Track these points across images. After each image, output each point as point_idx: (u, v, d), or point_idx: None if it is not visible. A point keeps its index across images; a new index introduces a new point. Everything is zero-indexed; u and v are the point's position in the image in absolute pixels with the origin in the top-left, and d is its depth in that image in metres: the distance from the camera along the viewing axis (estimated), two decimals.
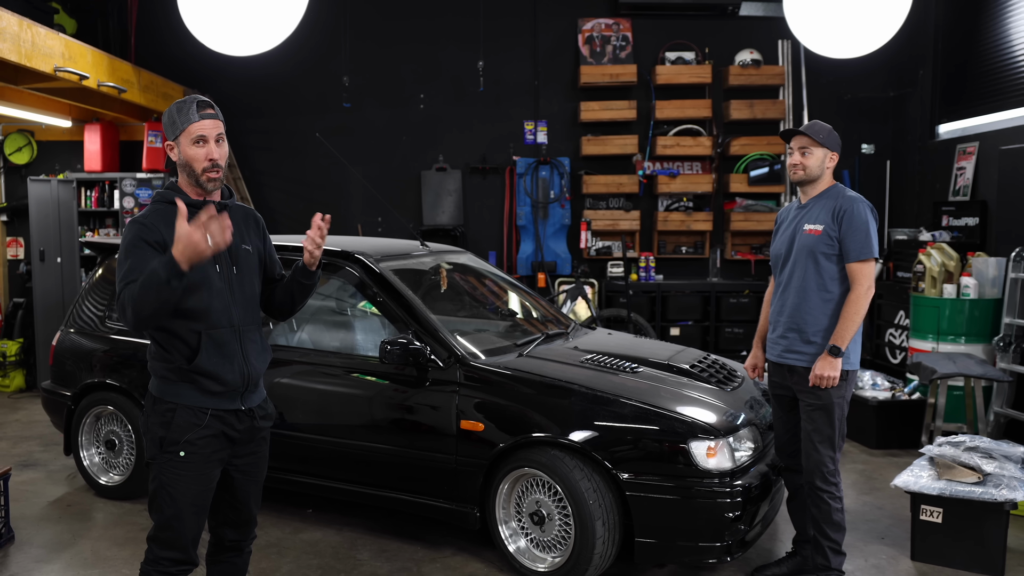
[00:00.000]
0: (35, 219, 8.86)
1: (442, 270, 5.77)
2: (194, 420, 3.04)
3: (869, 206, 4.25)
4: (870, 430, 6.98)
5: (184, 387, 3.05)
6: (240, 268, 3.20)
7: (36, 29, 6.28)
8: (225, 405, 3.11)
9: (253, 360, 3.19)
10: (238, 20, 6.14)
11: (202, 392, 3.06)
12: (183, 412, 3.04)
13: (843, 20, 6.53)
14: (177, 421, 3.03)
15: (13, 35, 5.97)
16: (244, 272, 3.21)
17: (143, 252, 2.95)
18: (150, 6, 9.16)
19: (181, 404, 3.05)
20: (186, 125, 3.04)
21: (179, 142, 3.06)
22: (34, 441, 7.11)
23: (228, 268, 3.15)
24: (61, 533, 5.12)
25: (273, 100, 9.72)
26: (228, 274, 3.15)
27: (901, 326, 7.97)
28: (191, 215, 2.98)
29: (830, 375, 4.10)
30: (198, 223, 2.73)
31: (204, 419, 3.06)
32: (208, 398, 3.07)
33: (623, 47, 9.42)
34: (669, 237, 9.63)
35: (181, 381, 3.05)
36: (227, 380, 3.08)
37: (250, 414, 3.21)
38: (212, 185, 3.10)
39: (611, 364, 4.73)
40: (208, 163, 3.06)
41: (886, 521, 5.37)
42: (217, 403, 3.09)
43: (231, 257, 3.17)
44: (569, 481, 4.19)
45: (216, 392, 3.08)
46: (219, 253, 3.04)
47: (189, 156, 3.05)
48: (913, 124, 9.17)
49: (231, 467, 3.22)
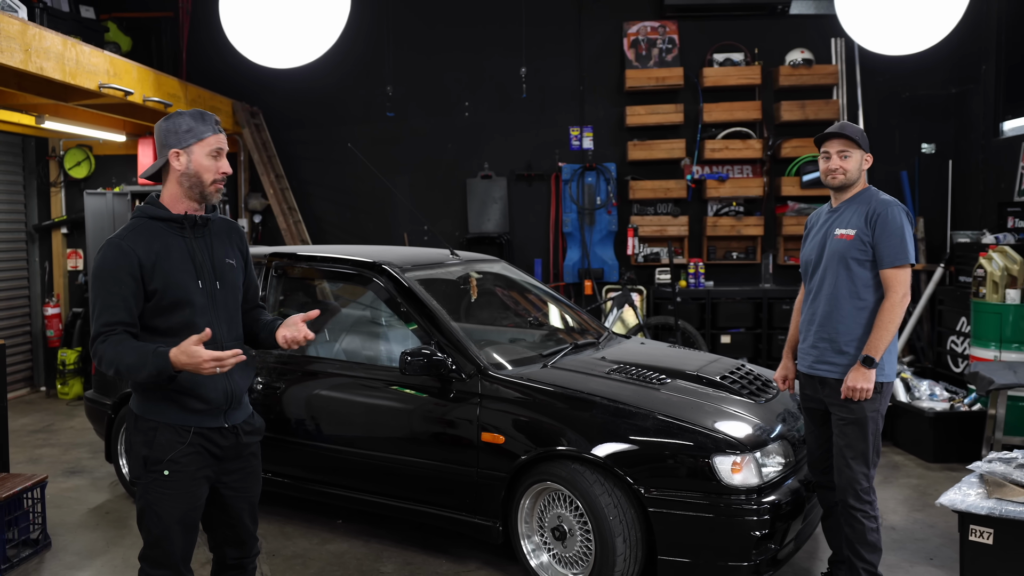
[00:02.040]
0: (91, 231, 9.10)
1: (472, 280, 5.70)
2: (177, 439, 3.00)
3: (904, 209, 4.06)
4: (927, 443, 6.72)
5: (166, 405, 3.01)
6: (223, 283, 3.15)
7: (80, 48, 6.41)
8: (208, 423, 3.07)
9: (237, 377, 3.14)
10: (280, 33, 6.22)
11: (184, 410, 3.02)
12: (165, 430, 3.00)
13: (898, 16, 6.32)
14: (159, 440, 3.00)
15: (57, 54, 6.11)
16: (227, 288, 3.16)
17: (118, 285, 2.91)
18: (201, 23, 9.31)
19: (163, 422, 3.01)
20: (206, 135, 3.05)
21: (191, 151, 3.03)
22: (84, 448, 7.26)
23: (211, 283, 3.09)
24: (96, 540, 5.20)
25: (318, 111, 9.79)
26: (211, 289, 3.09)
27: (963, 333, 7.66)
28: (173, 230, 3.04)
29: (863, 387, 3.92)
30: (220, 362, 2.79)
31: (187, 437, 3.01)
32: (191, 415, 3.03)
33: (669, 50, 9.25)
34: (719, 242, 9.42)
35: (163, 400, 3.01)
36: (210, 398, 3.05)
37: (234, 431, 3.15)
38: (215, 197, 3.10)
39: (638, 376, 4.61)
40: (220, 175, 3.07)
41: (936, 540, 5.13)
42: (200, 420, 3.05)
43: (214, 272, 3.11)
44: (589, 496, 4.09)
45: (199, 410, 3.04)
46: (202, 268, 3.06)
47: (202, 166, 3.04)
48: (976, 121, 8.82)
49: (220, 484, 3.17)
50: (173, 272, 2.99)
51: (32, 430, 7.97)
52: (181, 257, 3.03)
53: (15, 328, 9.57)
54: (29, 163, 9.77)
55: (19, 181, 9.69)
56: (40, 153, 9.79)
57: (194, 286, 3.03)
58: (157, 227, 3.03)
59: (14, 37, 5.65)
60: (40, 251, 9.87)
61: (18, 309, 9.66)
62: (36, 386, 9.90)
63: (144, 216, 3.06)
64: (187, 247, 3.06)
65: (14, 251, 9.62)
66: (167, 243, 3.02)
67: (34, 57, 5.84)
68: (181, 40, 9.44)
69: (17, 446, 7.20)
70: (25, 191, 9.76)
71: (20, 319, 9.69)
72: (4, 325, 9.34)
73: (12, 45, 5.62)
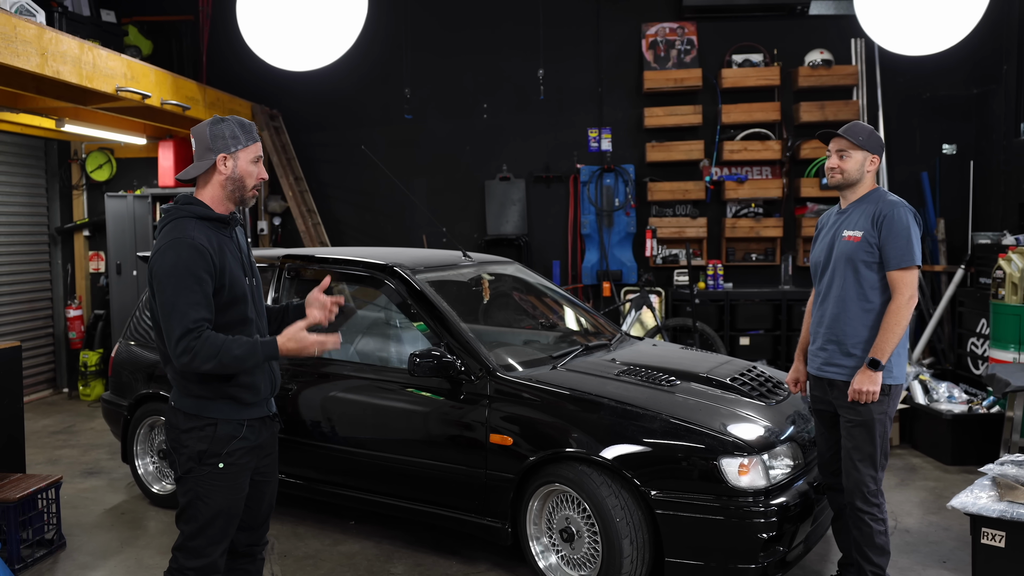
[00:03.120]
0: (112, 234, 9.21)
1: (484, 281, 5.71)
2: (233, 432, 3.16)
3: (911, 211, 4.02)
4: (944, 445, 6.66)
5: (223, 403, 3.16)
6: (256, 279, 3.36)
7: (97, 51, 6.49)
8: (257, 414, 3.25)
9: (275, 366, 3.35)
10: (298, 36, 6.26)
11: (239, 404, 3.18)
12: (224, 426, 3.15)
13: (919, 16, 6.27)
14: (219, 435, 3.14)
15: (74, 58, 6.18)
16: (259, 282, 3.38)
17: (200, 283, 3.02)
18: (221, 26, 9.38)
19: (221, 418, 3.15)
20: (251, 143, 3.22)
21: (238, 156, 3.18)
22: (103, 449, 7.34)
23: (252, 280, 3.29)
24: (110, 541, 5.25)
25: (337, 114, 9.83)
26: (252, 284, 3.28)
27: (983, 335, 7.58)
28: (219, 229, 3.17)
29: (869, 390, 3.90)
30: (322, 341, 3.06)
31: (242, 431, 3.17)
32: (244, 408, 3.20)
33: (688, 51, 9.22)
34: (738, 244, 9.37)
35: (219, 398, 3.15)
36: (260, 389, 3.23)
37: (273, 418, 3.37)
38: (251, 202, 3.29)
39: (647, 377, 4.60)
40: (259, 181, 3.25)
41: (950, 543, 5.09)
42: (251, 412, 3.22)
43: (251, 267, 3.31)
44: (596, 498, 4.09)
45: (250, 402, 3.20)
46: (246, 265, 3.25)
47: (246, 172, 3.20)
48: (997, 122, 8.71)
49: (254, 471, 3.32)
50: (233, 269, 3.15)
51: (53, 431, 8.07)
52: (233, 255, 3.19)
53: (38, 330, 9.71)
54: (51, 166, 9.90)
55: (42, 184, 9.83)
56: (62, 156, 9.92)
57: (244, 282, 3.21)
58: (206, 226, 3.16)
59: (30, 41, 5.73)
60: (62, 253, 10.00)
61: (41, 311, 9.80)
62: (58, 388, 10.04)
63: (193, 216, 3.16)
64: (234, 245, 3.23)
65: (37, 253, 9.75)
66: (220, 241, 3.16)
67: (50, 61, 5.92)
68: (201, 44, 9.51)
69: (37, 447, 7.30)
70: (48, 194, 9.90)
71: (43, 321, 9.83)
72: (27, 327, 9.48)
73: (28, 49, 5.70)
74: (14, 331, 9.18)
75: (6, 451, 5.38)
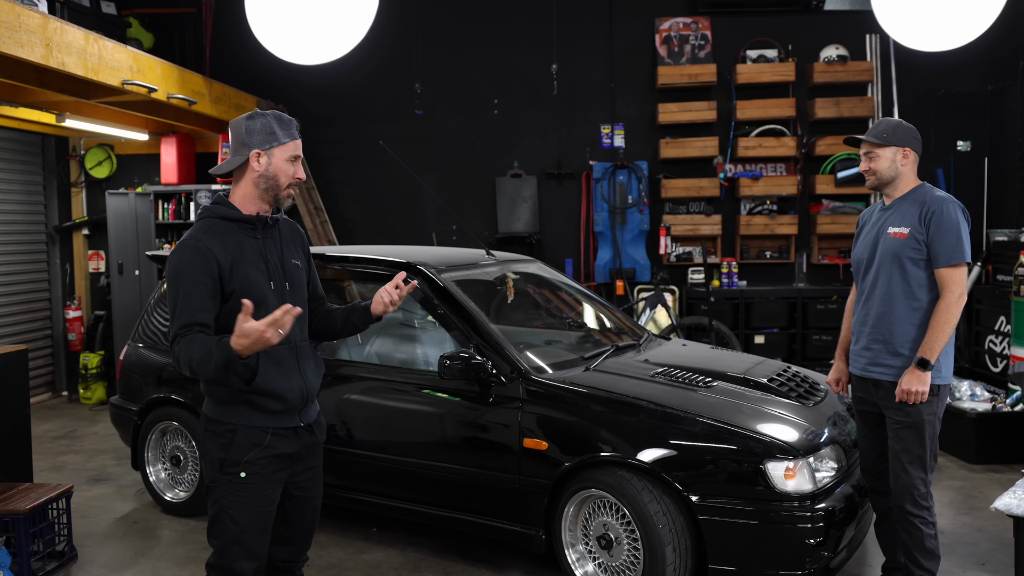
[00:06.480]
0: (114, 232, 9.01)
1: (508, 280, 5.57)
2: (255, 440, 3.01)
3: (960, 207, 3.90)
4: (969, 444, 6.57)
5: (242, 408, 3.01)
6: (292, 284, 3.16)
7: (103, 43, 6.30)
8: (284, 423, 3.08)
9: (310, 376, 3.17)
10: (307, 29, 6.11)
11: (262, 412, 3.02)
12: (243, 432, 3.01)
13: (935, 12, 6.18)
14: (237, 442, 3.00)
15: (79, 49, 5.99)
16: (295, 287, 3.18)
17: (196, 287, 2.89)
18: (225, 19, 9.22)
19: (241, 424, 3.00)
20: (288, 140, 3.06)
21: (272, 153, 3.03)
22: (108, 455, 7.16)
23: (281, 285, 3.11)
24: (124, 551, 5.08)
25: (345, 109, 9.67)
26: (281, 290, 3.10)
27: (1002, 333, 7.50)
28: (245, 231, 3.02)
29: (919, 390, 3.79)
30: (273, 321, 2.67)
31: (265, 439, 3.02)
32: (268, 417, 3.04)
33: (702, 46, 9.10)
34: (752, 242, 9.26)
35: (239, 402, 3.01)
36: (287, 398, 3.05)
37: (309, 429, 3.19)
38: (286, 203, 3.12)
39: (683, 378, 4.47)
40: (295, 180, 3.08)
41: (987, 545, 4.98)
42: (277, 421, 3.06)
43: (284, 272, 3.13)
44: (637, 503, 3.95)
45: (276, 411, 3.04)
46: (274, 269, 3.06)
47: (280, 170, 3.05)
48: (1013, 118, 8.63)
49: (291, 484, 3.18)
50: (249, 273, 2.99)
51: (55, 436, 7.87)
52: (254, 258, 3.03)
53: (36, 332, 9.48)
54: (49, 163, 9.68)
55: (39, 181, 9.60)
56: (60, 152, 9.69)
57: (267, 287, 3.04)
58: (229, 227, 3.02)
59: (35, 31, 5.50)
60: (61, 253, 9.79)
61: (39, 312, 9.58)
62: (58, 391, 9.82)
63: (215, 216, 3.04)
64: (259, 248, 3.06)
65: (34, 253, 9.53)
66: (241, 243, 3.01)
67: (55, 52, 5.72)
68: (204, 36, 9.34)
69: (40, 453, 7.07)
70: (45, 191, 9.67)
71: (41, 322, 9.61)
72: (25, 329, 9.26)
73: (33, 39, 5.47)
74: (12, 333, 8.96)
75: (13, 459, 5.19)
